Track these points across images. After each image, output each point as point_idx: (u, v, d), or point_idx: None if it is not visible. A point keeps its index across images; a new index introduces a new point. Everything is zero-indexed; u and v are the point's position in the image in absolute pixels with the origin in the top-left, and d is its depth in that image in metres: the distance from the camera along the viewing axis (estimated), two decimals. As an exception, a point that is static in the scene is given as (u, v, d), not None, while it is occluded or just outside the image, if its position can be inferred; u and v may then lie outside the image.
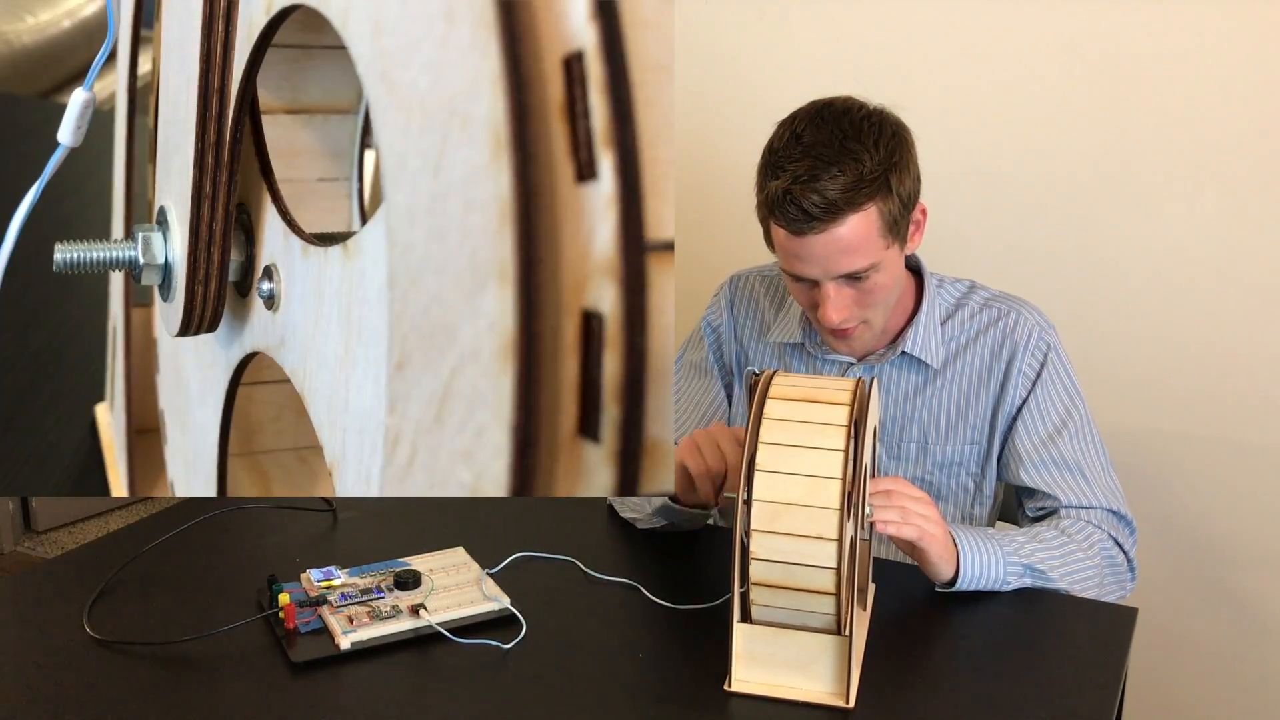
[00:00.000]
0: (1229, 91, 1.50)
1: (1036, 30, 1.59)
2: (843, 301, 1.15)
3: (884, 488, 1.04)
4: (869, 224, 1.10)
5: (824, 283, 1.14)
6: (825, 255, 1.11)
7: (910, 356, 1.25)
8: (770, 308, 1.34)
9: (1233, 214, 1.53)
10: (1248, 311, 1.55)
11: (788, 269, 1.16)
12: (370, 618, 1.01)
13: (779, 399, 0.93)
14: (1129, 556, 1.19)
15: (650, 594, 1.08)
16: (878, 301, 1.17)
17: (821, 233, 1.09)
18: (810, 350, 1.28)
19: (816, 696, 0.92)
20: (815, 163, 1.08)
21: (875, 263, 1.12)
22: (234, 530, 1.24)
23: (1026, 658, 1.00)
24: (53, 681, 0.94)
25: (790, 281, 1.18)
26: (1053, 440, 1.22)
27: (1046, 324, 1.26)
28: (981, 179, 1.67)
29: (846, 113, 1.11)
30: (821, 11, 1.72)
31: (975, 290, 1.29)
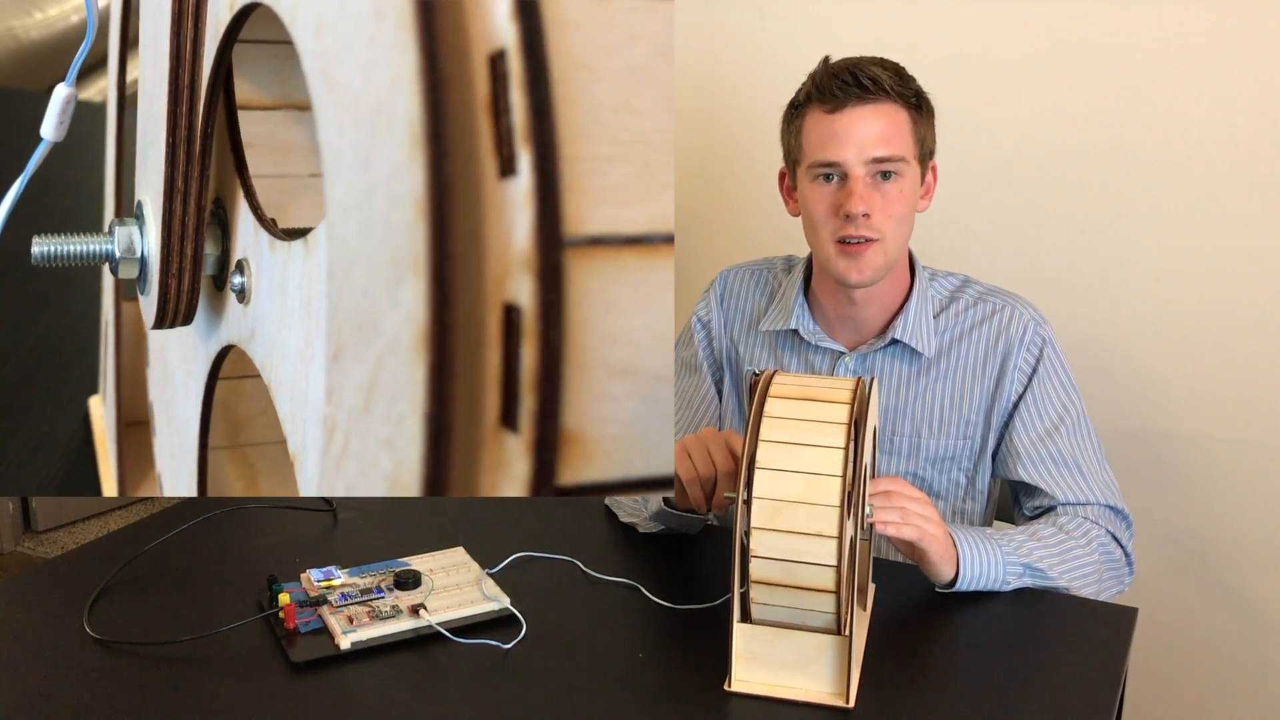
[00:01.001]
0: (1231, 91, 1.50)
1: (1037, 30, 1.59)
2: (870, 196, 1.17)
3: (883, 488, 1.04)
4: (903, 121, 1.19)
5: (853, 170, 1.17)
6: (862, 133, 1.16)
7: (902, 345, 1.25)
8: (761, 300, 1.35)
9: (1234, 213, 1.53)
10: (1248, 311, 1.55)
11: (819, 158, 1.18)
12: (370, 618, 1.01)
13: (779, 397, 0.93)
14: (1127, 551, 1.20)
15: (650, 594, 1.08)
16: (896, 215, 1.19)
17: (863, 105, 1.16)
18: (804, 337, 1.28)
19: (816, 696, 0.92)
20: (861, 59, 1.19)
21: (904, 158, 1.18)
22: (234, 530, 1.24)
23: (1026, 658, 1.00)
24: (53, 681, 0.94)
25: (813, 187, 1.20)
26: (1050, 436, 1.22)
27: (1041, 319, 1.26)
28: (982, 177, 1.67)
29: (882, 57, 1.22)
30: (821, 12, 1.72)
31: (969, 284, 1.29)
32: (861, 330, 1.28)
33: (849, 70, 1.17)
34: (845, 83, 1.16)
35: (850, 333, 1.28)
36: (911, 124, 1.19)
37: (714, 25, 1.81)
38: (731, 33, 1.80)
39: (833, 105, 1.17)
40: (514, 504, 1.30)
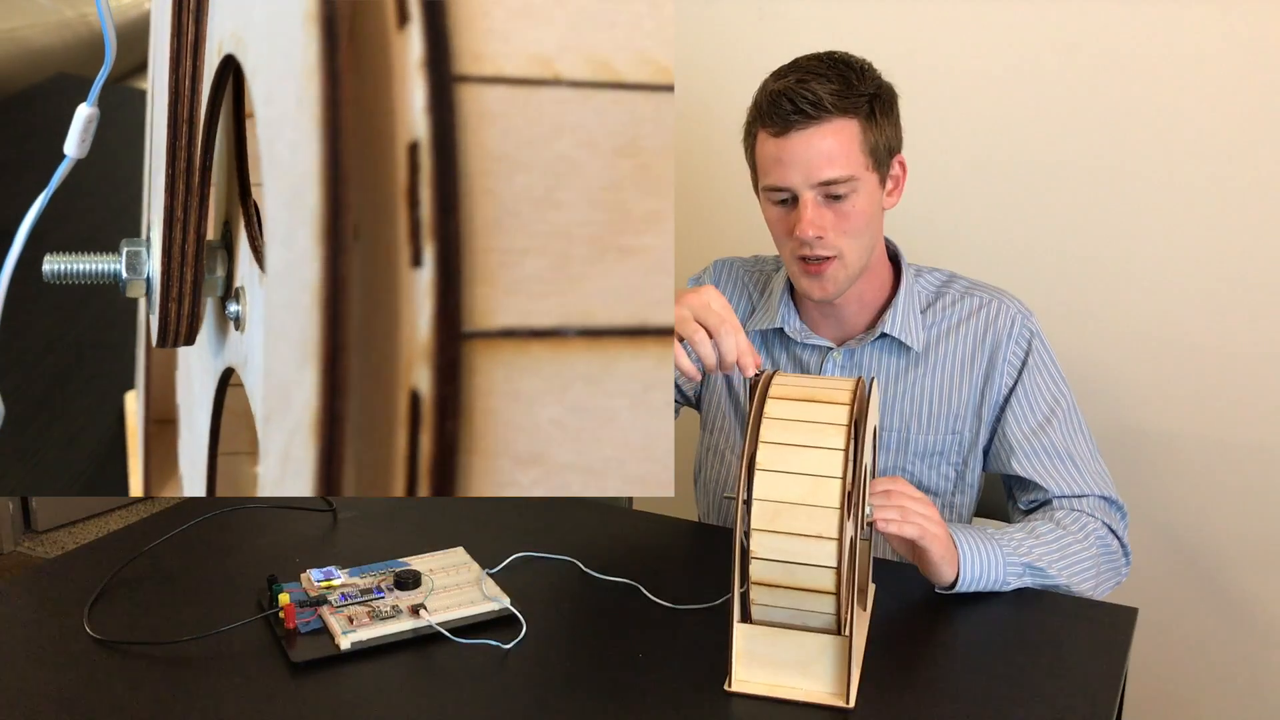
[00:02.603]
0: (1229, 91, 1.50)
1: (1037, 30, 1.59)
2: (820, 219, 1.16)
3: (883, 488, 1.04)
4: (851, 135, 1.15)
5: (802, 194, 1.15)
6: (807, 157, 1.14)
7: (890, 339, 1.25)
8: (756, 293, 1.35)
9: (1233, 213, 1.53)
10: (1248, 311, 1.55)
11: (769, 183, 1.18)
12: (370, 618, 1.01)
13: (779, 399, 0.93)
14: (1123, 542, 1.20)
15: (650, 594, 1.08)
16: (853, 231, 1.17)
17: (806, 130, 1.13)
18: (790, 335, 1.29)
19: (817, 696, 0.92)
20: (806, 74, 1.15)
21: (854, 177, 1.15)
22: (234, 530, 1.24)
23: (1026, 658, 1.00)
24: (53, 681, 0.94)
25: (769, 210, 1.20)
26: (1043, 429, 1.22)
27: (1027, 312, 1.27)
28: (982, 178, 1.67)
29: (838, 53, 1.19)
30: (821, 12, 1.72)
31: (954, 280, 1.29)
32: (845, 326, 1.28)
33: (787, 95, 1.13)
34: (786, 109, 1.14)
35: (835, 329, 1.29)
36: (862, 134, 1.16)
37: (714, 25, 1.81)
38: (731, 33, 1.80)
39: (777, 129, 1.15)
40: (514, 504, 1.30)
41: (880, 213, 1.22)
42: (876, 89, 1.17)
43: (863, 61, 1.19)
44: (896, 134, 1.21)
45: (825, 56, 1.18)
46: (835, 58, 1.18)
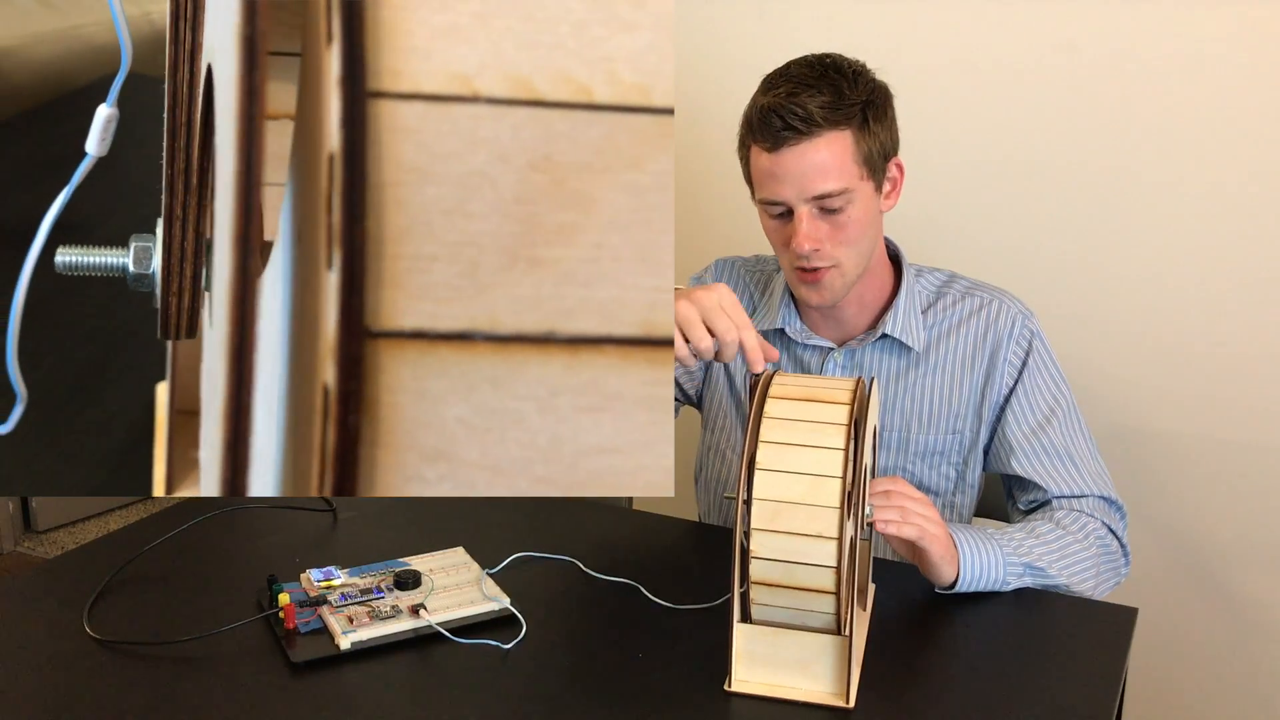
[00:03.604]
0: (1229, 91, 1.50)
1: (1037, 30, 1.59)
2: (815, 232, 1.16)
3: (883, 488, 1.04)
4: (844, 147, 1.14)
5: (797, 208, 1.15)
6: (800, 172, 1.13)
7: (891, 339, 1.25)
8: (757, 293, 1.35)
9: (1233, 213, 1.53)
10: (1247, 311, 1.55)
11: (764, 197, 1.18)
12: (370, 618, 1.01)
13: (779, 398, 0.93)
14: (1122, 542, 1.20)
15: (650, 594, 1.08)
16: (850, 240, 1.17)
17: (797, 145, 1.12)
18: (791, 336, 1.29)
19: (816, 696, 0.92)
20: (797, 85, 1.14)
21: (848, 189, 1.14)
22: (234, 530, 1.24)
23: (1026, 658, 1.00)
24: (53, 681, 0.94)
25: (766, 221, 1.20)
26: (1042, 429, 1.22)
27: (1028, 312, 1.27)
28: (983, 178, 1.67)
29: (830, 58, 1.18)
30: (822, 12, 1.72)
31: (955, 280, 1.29)
32: (846, 327, 1.28)
33: (777, 112, 1.12)
34: (776, 125, 1.13)
35: (836, 330, 1.29)
36: (855, 145, 1.14)
37: (714, 25, 1.81)
38: (731, 33, 1.80)
39: (769, 144, 1.14)
40: (514, 504, 1.30)
41: (878, 217, 1.21)
42: (869, 95, 1.15)
43: (855, 65, 1.17)
44: (891, 137, 1.19)
45: (816, 63, 1.16)
46: (827, 64, 1.16)
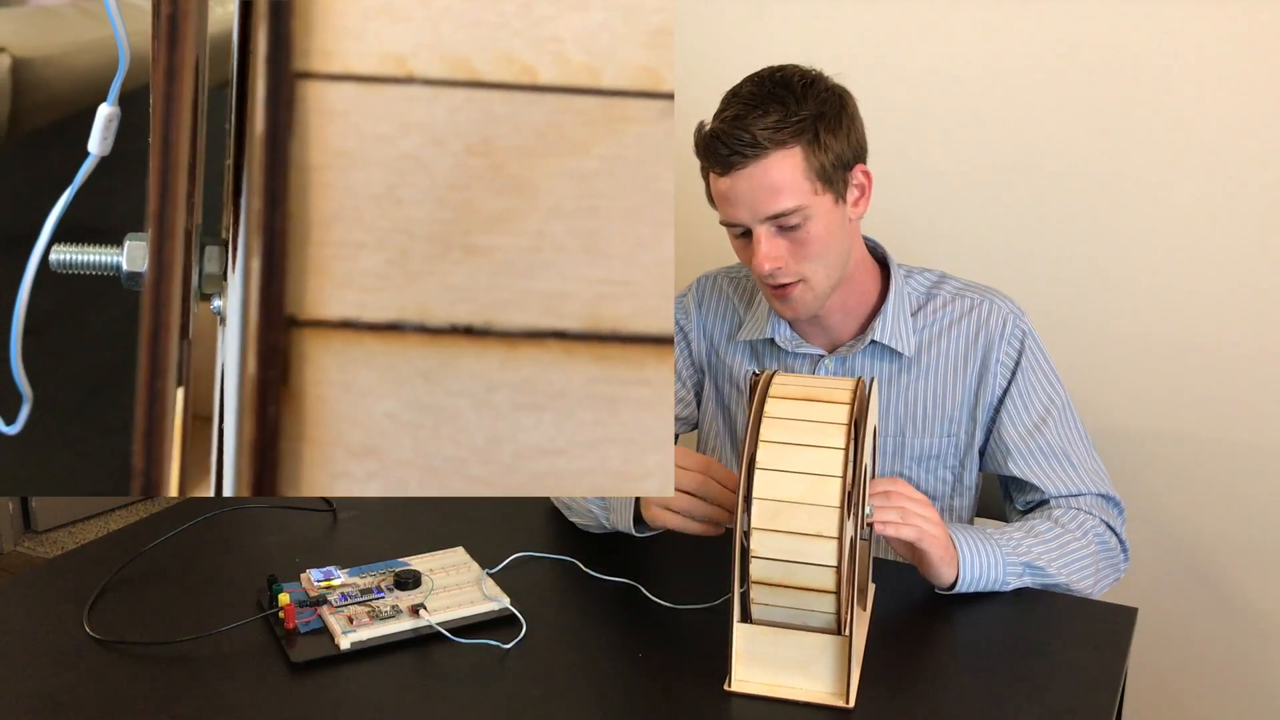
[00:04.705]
0: (1228, 92, 1.50)
1: (1037, 31, 1.59)
2: (774, 251, 1.15)
3: (883, 489, 1.04)
4: (794, 165, 1.12)
5: (755, 228, 1.15)
6: (751, 194, 1.13)
7: (881, 345, 1.25)
8: (741, 304, 1.34)
9: (1231, 214, 1.53)
10: (1247, 312, 1.55)
11: (723, 219, 1.18)
12: (370, 618, 1.01)
13: (779, 398, 0.93)
14: (1121, 538, 1.20)
15: (650, 594, 1.08)
16: (813, 255, 1.16)
17: (745, 167, 1.12)
18: (781, 345, 1.28)
19: (816, 696, 0.92)
20: (744, 106, 1.13)
21: (802, 207, 1.13)
22: (234, 530, 1.24)
23: (1026, 658, 1.00)
24: (53, 681, 0.94)
25: (733, 240, 1.20)
26: (1038, 429, 1.22)
27: (1019, 311, 1.26)
28: (982, 179, 1.67)
29: (782, 72, 1.16)
30: (822, 12, 1.72)
31: (946, 280, 1.28)
32: (833, 334, 1.27)
33: (720, 138, 1.12)
34: (723, 152, 1.12)
35: (824, 337, 1.27)
36: (806, 161, 1.12)
37: (714, 25, 1.81)
38: (731, 33, 1.80)
39: (720, 169, 1.14)
40: (514, 504, 1.30)
41: (844, 227, 1.18)
42: (820, 108, 1.13)
43: (806, 77, 1.15)
44: (850, 144, 1.16)
45: (766, 79, 1.14)
46: (776, 79, 1.14)
